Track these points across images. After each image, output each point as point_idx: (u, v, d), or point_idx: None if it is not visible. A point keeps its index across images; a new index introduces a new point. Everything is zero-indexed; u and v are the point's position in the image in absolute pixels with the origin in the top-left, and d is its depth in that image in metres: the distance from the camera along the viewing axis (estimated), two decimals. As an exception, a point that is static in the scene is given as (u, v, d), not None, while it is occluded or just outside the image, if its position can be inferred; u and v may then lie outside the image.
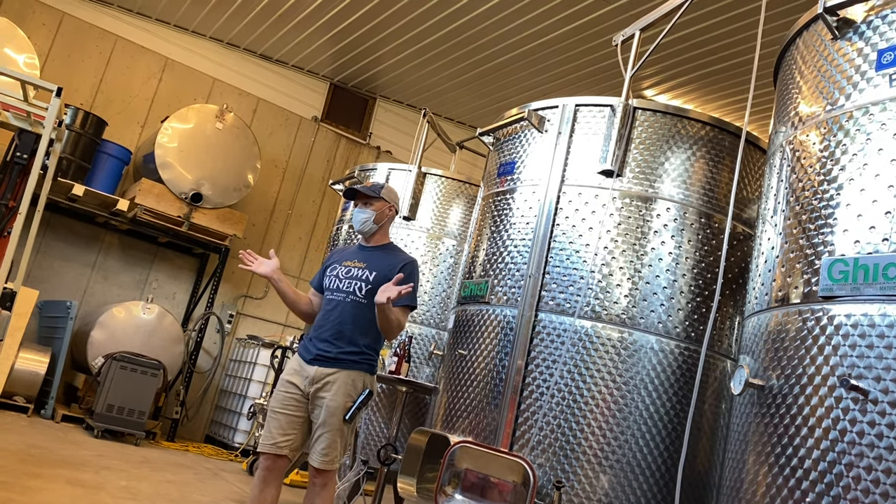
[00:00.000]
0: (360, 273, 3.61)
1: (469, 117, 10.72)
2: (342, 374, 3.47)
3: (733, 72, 7.91)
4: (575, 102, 4.45)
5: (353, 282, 3.59)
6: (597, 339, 3.96)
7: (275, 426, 3.48)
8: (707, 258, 4.11)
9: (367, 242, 3.79)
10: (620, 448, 3.80)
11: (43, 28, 8.52)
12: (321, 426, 3.42)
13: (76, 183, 7.74)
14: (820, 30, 3.07)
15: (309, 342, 3.60)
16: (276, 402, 3.53)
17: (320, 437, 3.42)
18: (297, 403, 3.50)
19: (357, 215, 3.73)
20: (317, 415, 3.46)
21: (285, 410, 3.50)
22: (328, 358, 3.49)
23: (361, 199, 3.75)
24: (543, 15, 7.49)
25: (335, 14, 8.31)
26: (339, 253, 3.83)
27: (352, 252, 3.78)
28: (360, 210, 3.73)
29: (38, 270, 8.29)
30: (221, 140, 8.53)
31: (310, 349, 3.56)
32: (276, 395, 3.56)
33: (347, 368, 3.49)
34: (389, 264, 3.61)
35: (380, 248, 3.76)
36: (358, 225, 3.73)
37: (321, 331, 3.57)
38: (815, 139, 2.94)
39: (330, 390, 3.44)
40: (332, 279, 3.67)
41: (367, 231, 3.74)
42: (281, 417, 3.49)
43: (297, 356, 3.63)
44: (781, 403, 2.69)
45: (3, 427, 6.14)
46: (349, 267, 3.65)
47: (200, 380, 9.07)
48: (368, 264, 3.63)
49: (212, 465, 7.14)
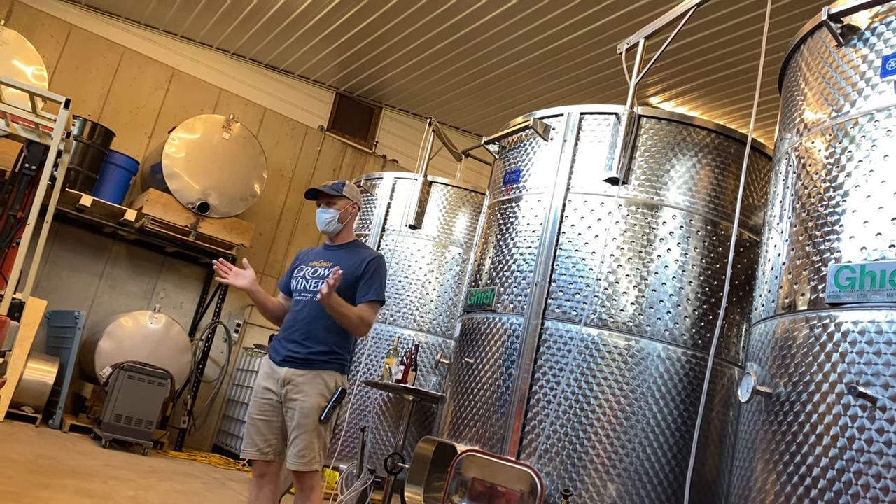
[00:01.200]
0: (325, 272, 3.57)
1: (475, 126, 10.74)
2: (313, 375, 3.43)
3: (738, 79, 7.91)
4: (580, 110, 4.46)
5: (320, 281, 3.54)
6: (603, 347, 3.96)
7: (255, 433, 3.47)
8: (714, 265, 4.10)
9: (333, 242, 3.78)
10: (628, 456, 3.79)
11: (51, 40, 8.58)
12: (296, 428, 3.38)
13: (84, 193, 7.78)
14: (824, 37, 3.08)
15: (278, 343, 3.57)
16: (254, 409, 3.51)
17: (295, 439, 3.37)
18: (273, 408, 3.47)
19: (321, 216, 3.72)
20: (290, 417, 3.41)
21: (263, 416, 3.48)
22: (298, 359, 3.46)
23: (324, 200, 3.73)
24: (548, 23, 7.51)
25: (341, 24, 8.36)
26: (306, 254, 3.84)
27: (318, 252, 3.78)
28: (323, 210, 3.71)
29: (46, 281, 8.33)
30: (228, 150, 8.57)
31: (279, 350, 3.53)
32: (253, 401, 3.54)
33: (318, 369, 3.45)
34: (355, 261, 3.60)
35: (345, 246, 3.75)
36: (322, 225, 3.72)
37: (290, 332, 3.54)
38: (820, 146, 2.94)
39: (302, 391, 3.40)
40: (298, 280, 3.66)
41: (332, 230, 3.73)
42: (260, 424, 3.47)
43: (268, 359, 3.59)
44: (789, 411, 2.68)
45: (12, 437, 6.16)
46: (315, 267, 3.64)
47: (208, 389, 9.08)
48: (334, 263, 3.60)
49: (219, 474, 7.14)
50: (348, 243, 3.77)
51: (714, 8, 6.52)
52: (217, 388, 9.18)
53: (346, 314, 3.41)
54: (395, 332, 6.01)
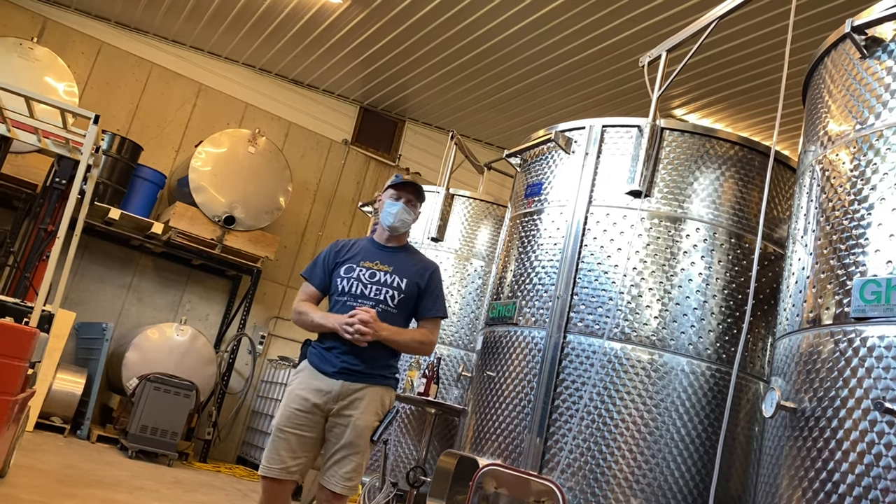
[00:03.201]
0: (387, 279, 3.26)
1: (497, 138, 10.77)
2: (371, 391, 3.15)
3: (762, 91, 7.86)
4: (602, 123, 4.46)
5: (383, 289, 3.24)
6: (626, 361, 3.94)
7: (284, 448, 3.10)
8: (738, 278, 4.07)
9: (388, 242, 3.41)
10: (651, 471, 3.76)
11: (82, 57, 8.77)
12: (346, 447, 3.08)
13: (112, 207, 7.92)
14: (848, 49, 3.06)
15: (328, 352, 3.20)
16: (286, 421, 3.13)
17: (344, 458, 3.07)
18: (311, 423, 3.13)
19: (401, 214, 3.34)
20: (338, 433, 3.10)
21: (297, 430, 3.12)
22: (356, 372, 3.14)
23: (410, 197, 3.38)
24: (570, 37, 7.53)
25: (364, 39, 8.44)
26: (349, 249, 3.39)
27: (368, 250, 3.37)
28: (405, 209, 3.35)
29: (74, 293, 8.47)
30: (254, 164, 8.67)
31: (331, 360, 3.17)
32: (285, 411, 3.15)
33: (377, 384, 3.18)
34: (416, 270, 3.33)
35: (402, 249, 3.42)
36: (396, 222, 3.34)
37: (344, 341, 3.16)
38: (845, 158, 2.91)
39: (358, 408, 3.10)
40: (351, 282, 3.27)
41: (403, 231, 3.40)
42: (292, 438, 3.11)
43: (310, 367, 3.22)
44: (814, 426, 2.65)
45: (41, 447, 6.25)
46: (372, 270, 3.29)
47: (232, 401, 9.15)
48: (395, 268, 3.29)
49: (243, 486, 7.18)
50: (404, 246, 3.45)
51: (737, 20, 6.50)
52: (241, 399, 9.25)
53: (402, 341, 3.19)
54: (417, 345, 6.01)
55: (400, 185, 3.40)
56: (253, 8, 8.18)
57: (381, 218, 3.40)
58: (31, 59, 7.68)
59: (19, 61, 7.60)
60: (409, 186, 3.39)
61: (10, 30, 8.28)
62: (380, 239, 3.43)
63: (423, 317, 3.34)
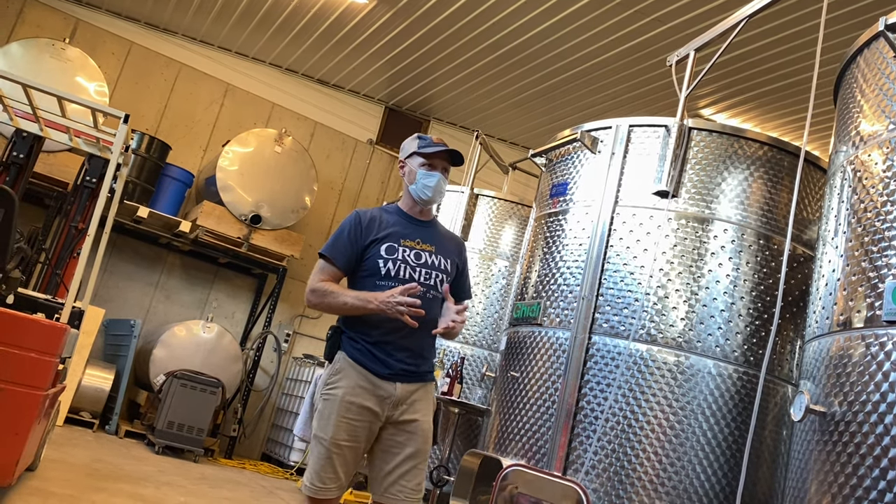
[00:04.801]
0: (433, 260, 2.89)
1: (522, 138, 10.74)
2: (425, 389, 2.84)
3: (792, 90, 7.75)
4: (629, 123, 4.43)
5: (433, 273, 2.86)
6: (652, 363, 3.91)
7: (341, 463, 2.70)
8: (766, 280, 4.02)
9: (420, 215, 3.00)
10: (677, 474, 3.73)
11: (112, 57, 8.89)
12: (414, 455, 2.74)
13: (141, 205, 8.02)
14: (881, 47, 3.01)
15: (379, 350, 2.76)
16: (342, 433, 2.70)
17: (412, 469, 2.73)
18: (369, 433, 2.75)
19: (441, 185, 2.94)
20: (402, 442, 2.75)
21: (355, 442, 2.73)
22: (413, 373, 2.80)
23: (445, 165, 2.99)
24: (597, 36, 7.48)
25: (390, 39, 8.46)
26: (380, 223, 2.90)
27: (405, 226, 2.93)
28: (444, 180, 2.96)
29: (104, 290, 8.59)
30: (280, 163, 8.74)
31: (386, 361, 2.75)
32: (341, 423, 2.71)
33: (428, 381, 2.87)
34: (452, 248, 3.00)
35: (433, 223, 3.04)
36: (433, 195, 2.93)
37: (397, 335, 2.76)
38: (877, 159, 2.87)
39: (419, 410, 2.78)
40: (398, 264, 2.82)
41: (436, 202, 3.02)
42: (349, 454, 2.72)
43: (356, 368, 2.76)
44: (844, 431, 2.61)
45: (71, 442, 6.35)
46: (416, 250, 2.88)
47: (257, 398, 9.22)
48: (437, 247, 2.92)
49: (267, 483, 7.24)
50: (433, 220, 3.06)
51: (766, 19, 6.42)
52: (267, 397, 9.32)
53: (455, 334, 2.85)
54: (441, 345, 6.02)
55: (438, 153, 2.97)
56: (280, 8, 8.24)
57: (415, 190, 2.94)
58: (63, 60, 7.80)
59: (52, 62, 7.72)
60: (450, 154, 2.98)
61: (43, 31, 8.43)
62: (412, 212, 2.99)
63: (462, 299, 3.00)
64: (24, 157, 5.02)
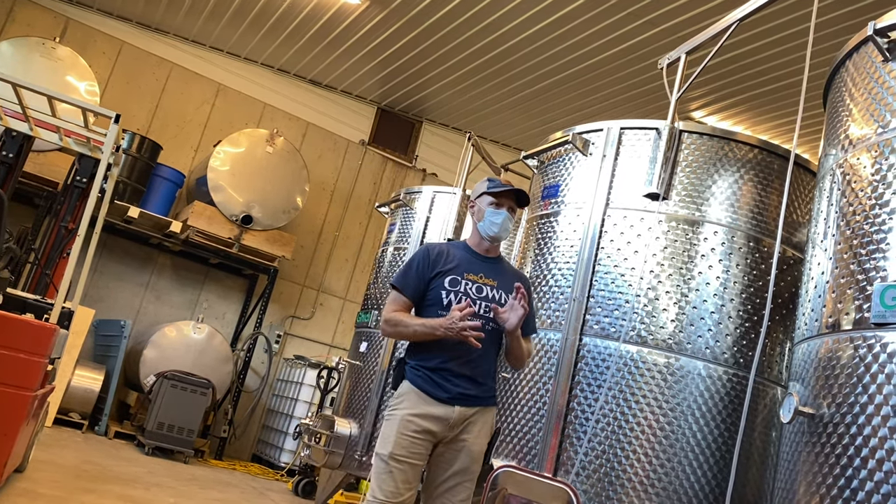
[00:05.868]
0: (494, 294, 3.09)
1: (514, 140, 10.76)
2: (483, 414, 3.05)
3: (782, 94, 7.80)
4: (620, 125, 4.44)
5: (492, 305, 3.06)
6: (642, 365, 3.91)
7: (402, 479, 2.90)
8: (756, 283, 4.04)
9: (488, 252, 3.22)
10: (667, 475, 3.74)
11: (103, 56, 8.86)
12: (460, 473, 2.95)
13: (132, 205, 7.99)
14: (870, 52, 3.03)
15: (436, 374, 3.00)
16: (404, 450, 2.91)
17: (458, 485, 2.95)
18: (426, 451, 2.98)
19: (507, 223, 3.15)
20: (449, 459, 2.97)
21: (412, 459, 2.93)
22: (471, 396, 3.00)
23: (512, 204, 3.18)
24: (589, 38, 7.51)
25: (382, 40, 8.46)
26: (447, 257, 3.14)
27: (470, 261, 3.16)
28: (510, 218, 3.16)
29: (94, 290, 8.55)
30: (271, 163, 8.72)
31: (445, 387, 2.98)
32: (401, 440, 2.92)
33: (487, 405, 3.07)
34: (514, 284, 3.10)
35: (499, 260, 3.27)
36: (501, 232, 3.15)
37: (457, 363, 3.00)
38: (866, 162, 2.89)
39: (471, 432, 2.98)
40: (459, 296, 3.04)
41: (502, 239, 3.22)
42: (408, 469, 2.92)
43: (418, 392, 2.99)
44: (833, 433, 2.63)
45: (60, 443, 6.32)
46: (478, 284, 3.10)
47: (248, 399, 9.20)
48: (499, 283, 3.12)
49: (258, 484, 7.22)
50: (500, 257, 3.30)
51: (757, 23, 6.45)
52: (257, 398, 9.30)
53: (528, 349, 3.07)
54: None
55: (507, 193, 3.18)
56: (272, 9, 8.23)
57: (483, 227, 3.16)
58: (54, 59, 7.77)
59: (42, 61, 7.69)
60: (517, 193, 3.19)
61: (33, 30, 8.39)
62: (478, 249, 3.22)
63: (527, 333, 3.17)
64: (14, 156, 4.99)
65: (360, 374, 6.23)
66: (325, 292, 10.06)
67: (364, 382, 6.14)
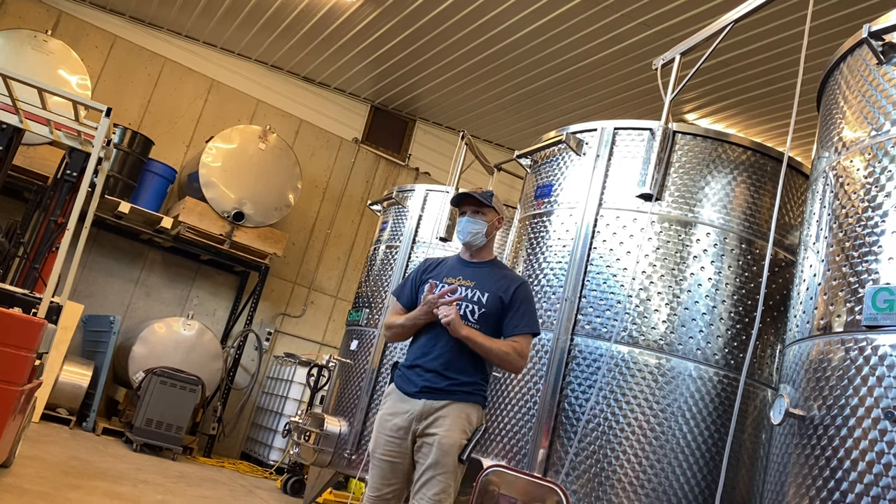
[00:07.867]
0: (469, 293, 3.23)
1: (507, 139, 10.75)
2: (454, 408, 3.09)
3: (776, 96, 7.82)
4: (614, 126, 4.44)
5: (463, 304, 3.20)
6: (633, 365, 3.91)
7: (378, 476, 3.10)
8: (747, 284, 4.04)
9: (472, 257, 3.38)
10: (657, 476, 3.74)
11: (95, 50, 8.80)
12: (432, 467, 3.01)
13: (122, 200, 7.94)
14: (864, 55, 3.03)
15: (410, 371, 3.18)
16: (377, 447, 3.13)
17: (430, 480, 3.00)
18: (402, 448, 3.10)
19: (467, 226, 3.32)
20: (425, 453, 3.04)
21: (387, 457, 3.10)
22: (437, 390, 3.09)
23: (472, 207, 3.33)
24: (583, 39, 7.51)
25: (376, 38, 8.44)
26: (436, 266, 3.41)
27: (453, 267, 3.37)
28: (471, 221, 3.31)
29: (83, 285, 8.50)
30: (264, 160, 8.69)
31: (413, 380, 3.15)
32: (376, 437, 3.16)
33: (460, 401, 3.11)
34: (501, 285, 3.26)
35: (486, 264, 3.37)
36: (467, 237, 3.32)
37: (427, 359, 3.16)
38: (859, 165, 2.89)
39: (442, 426, 3.04)
40: None
41: (477, 244, 3.33)
42: (383, 465, 3.10)
43: (396, 389, 3.20)
44: (823, 435, 2.63)
45: (47, 439, 6.27)
46: (455, 284, 3.26)
47: (238, 396, 9.16)
48: (477, 283, 3.25)
49: (247, 482, 7.19)
50: (489, 261, 3.40)
51: (752, 25, 6.46)
52: (247, 395, 9.26)
53: (490, 347, 3.10)
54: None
55: (455, 200, 3.41)
56: (266, 5, 8.20)
57: (458, 236, 3.41)
58: (45, 52, 7.71)
59: (33, 53, 7.63)
60: (462, 197, 3.36)
61: (25, 22, 8.32)
62: (465, 256, 3.43)
63: (509, 333, 3.23)
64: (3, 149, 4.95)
65: (351, 372, 6.21)
66: (317, 290, 10.04)
67: (354, 381, 6.12)
